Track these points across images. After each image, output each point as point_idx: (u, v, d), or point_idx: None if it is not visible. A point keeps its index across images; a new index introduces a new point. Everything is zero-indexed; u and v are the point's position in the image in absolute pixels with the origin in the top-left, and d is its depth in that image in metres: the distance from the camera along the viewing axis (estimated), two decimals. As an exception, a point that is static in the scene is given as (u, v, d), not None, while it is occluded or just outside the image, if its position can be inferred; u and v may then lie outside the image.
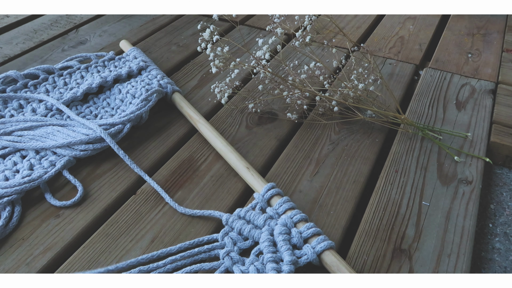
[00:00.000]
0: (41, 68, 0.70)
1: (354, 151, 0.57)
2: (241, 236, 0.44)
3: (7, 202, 0.47)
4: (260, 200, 0.47)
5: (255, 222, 0.45)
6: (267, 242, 0.42)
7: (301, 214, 0.44)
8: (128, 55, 0.74)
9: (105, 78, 0.67)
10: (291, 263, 0.40)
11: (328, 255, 0.41)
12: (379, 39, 0.85)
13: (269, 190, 0.47)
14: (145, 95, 0.60)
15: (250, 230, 0.44)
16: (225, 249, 0.42)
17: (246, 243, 0.44)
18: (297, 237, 0.42)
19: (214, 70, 0.60)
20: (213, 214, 0.47)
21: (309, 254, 0.41)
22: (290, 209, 0.45)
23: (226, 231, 0.45)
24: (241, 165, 0.51)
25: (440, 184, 0.52)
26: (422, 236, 0.46)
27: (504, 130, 0.61)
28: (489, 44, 0.83)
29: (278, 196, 0.47)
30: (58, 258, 0.43)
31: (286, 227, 0.43)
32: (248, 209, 0.46)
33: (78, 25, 0.91)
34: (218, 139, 0.55)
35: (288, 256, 0.40)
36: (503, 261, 0.48)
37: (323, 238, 0.42)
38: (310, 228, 0.43)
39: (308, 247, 0.41)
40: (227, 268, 0.41)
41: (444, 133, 0.59)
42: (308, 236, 0.42)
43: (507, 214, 0.53)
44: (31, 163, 0.53)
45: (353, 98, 0.62)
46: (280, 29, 0.58)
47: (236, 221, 0.45)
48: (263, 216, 0.45)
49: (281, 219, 0.44)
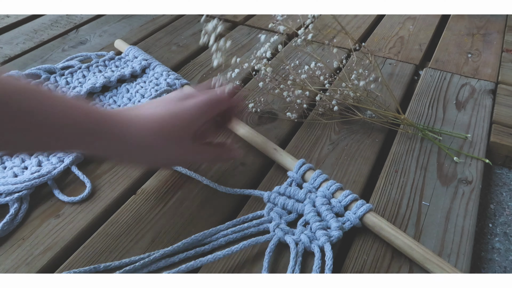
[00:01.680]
0: (42, 68, 0.70)
1: (354, 151, 0.57)
2: (285, 210, 0.47)
3: (16, 199, 0.48)
4: (295, 177, 0.50)
5: (295, 196, 0.48)
6: (312, 212, 0.46)
7: (336, 184, 0.48)
8: (127, 55, 0.75)
9: (109, 78, 0.67)
10: (338, 228, 0.44)
11: (369, 217, 0.45)
12: (379, 39, 0.85)
13: (301, 167, 0.50)
14: (155, 94, 0.62)
15: (293, 204, 0.47)
16: (274, 222, 0.45)
17: (291, 216, 0.47)
18: (337, 206, 0.46)
19: (215, 63, 0.60)
20: (253, 193, 0.49)
21: (352, 219, 0.45)
22: (324, 181, 0.49)
23: (270, 207, 0.47)
24: (269, 147, 0.54)
25: (440, 184, 0.52)
26: (422, 236, 0.46)
27: (504, 130, 0.61)
28: (489, 44, 0.84)
29: (310, 170, 0.50)
30: (58, 258, 0.44)
31: (326, 198, 0.47)
32: (286, 186, 0.49)
33: (78, 25, 0.91)
34: (240, 125, 0.57)
35: (335, 223, 0.44)
36: (503, 261, 0.48)
37: (362, 202, 0.45)
38: (347, 196, 0.46)
39: (349, 213, 0.45)
40: (279, 239, 0.44)
41: (444, 134, 0.59)
42: (347, 204, 0.46)
43: (507, 214, 0.53)
44: (39, 159, 0.53)
45: (353, 98, 0.62)
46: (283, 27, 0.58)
47: (278, 197, 0.48)
48: (303, 190, 0.48)
49: (320, 191, 0.48)
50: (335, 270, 0.43)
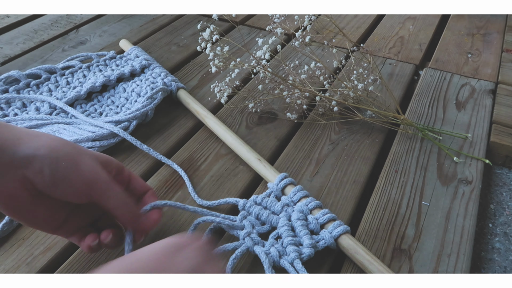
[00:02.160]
0: (42, 68, 0.70)
1: (354, 151, 0.57)
2: (259, 221, 0.46)
3: None
4: (274, 189, 0.49)
5: (271, 208, 0.47)
6: (286, 226, 0.44)
7: (315, 201, 0.46)
8: (129, 54, 0.75)
9: (108, 77, 0.67)
10: (311, 246, 0.42)
11: (344, 239, 0.43)
12: (379, 39, 0.85)
13: (282, 180, 0.49)
14: (151, 93, 0.61)
15: (268, 215, 0.46)
16: (246, 230, 0.44)
17: (264, 227, 0.45)
18: (314, 223, 0.44)
19: (213, 69, 0.60)
20: (229, 201, 0.48)
21: (327, 239, 0.43)
22: (304, 197, 0.47)
23: (244, 215, 0.46)
24: (252, 157, 0.53)
25: (440, 184, 0.52)
26: (422, 236, 0.46)
27: (504, 130, 0.61)
28: (489, 44, 0.83)
29: (291, 185, 0.49)
30: (58, 258, 0.44)
31: (302, 214, 0.45)
32: (263, 196, 0.48)
33: (78, 25, 0.91)
34: (228, 132, 0.56)
35: (308, 240, 0.42)
36: (503, 261, 0.48)
37: (339, 223, 0.44)
38: (325, 214, 0.45)
39: (325, 232, 0.43)
40: (248, 248, 0.42)
41: (444, 134, 0.59)
42: (324, 222, 0.44)
43: (507, 214, 0.53)
44: None
45: (353, 98, 0.62)
46: (280, 29, 0.58)
47: (254, 206, 0.47)
48: (280, 203, 0.47)
49: (298, 206, 0.46)
50: (335, 270, 0.43)
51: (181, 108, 0.65)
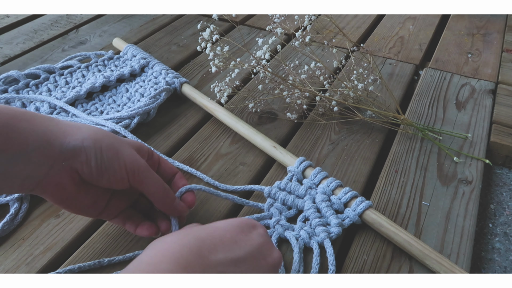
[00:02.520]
0: (41, 67, 0.70)
1: (354, 151, 0.57)
2: (285, 206, 0.48)
3: (16, 198, 0.48)
4: (295, 172, 0.50)
5: (296, 192, 0.48)
6: (312, 209, 0.46)
7: (336, 181, 0.48)
8: (126, 54, 0.75)
9: (108, 78, 0.67)
10: (338, 225, 0.44)
11: (368, 214, 0.45)
12: (379, 39, 0.85)
13: (302, 163, 0.50)
14: (154, 93, 0.62)
15: (294, 200, 0.47)
16: (274, 218, 0.46)
17: (291, 212, 0.47)
18: (337, 203, 0.46)
19: (213, 69, 0.60)
20: (254, 188, 0.50)
21: (351, 216, 0.45)
22: (324, 179, 0.49)
23: (270, 202, 0.48)
24: (268, 145, 0.54)
25: (440, 184, 0.52)
26: (422, 236, 0.46)
27: (504, 130, 0.61)
28: (489, 44, 0.83)
29: (310, 167, 0.50)
30: (58, 258, 0.44)
31: (326, 195, 0.47)
32: (286, 181, 0.49)
33: (78, 25, 0.91)
34: (239, 123, 0.57)
35: (335, 219, 0.45)
36: (503, 261, 0.48)
37: (361, 199, 0.46)
38: (347, 193, 0.47)
39: (349, 210, 0.46)
40: (279, 235, 0.44)
41: (444, 134, 0.59)
42: (347, 200, 0.46)
43: (507, 214, 0.53)
44: None
45: (353, 98, 0.62)
46: (280, 29, 0.58)
47: (279, 192, 0.48)
48: (303, 187, 0.48)
49: (320, 188, 0.48)
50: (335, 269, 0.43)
51: (182, 106, 0.65)
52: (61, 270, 0.41)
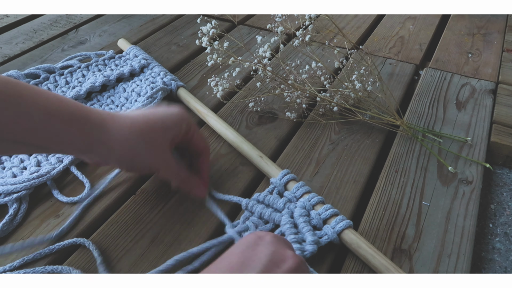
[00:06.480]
0: (41, 67, 0.70)
1: (354, 151, 0.57)
2: (262, 220, 0.46)
3: (15, 199, 0.48)
4: (277, 185, 0.49)
5: (274, 205, 0.47)
6: (288, 224, 0.44)
7: (318, 197, 0.46)
8: (128, 54, 0.74)
9: (108, 77, 0.67)
10: (313, 242, 0.42)
11: (347, 233, 0.43)
12: (379, 39, 0.85)
13: (285, 176, 0.49)
14: (151, 92, 0.62)
15: (271, 213, 0.46)
16: (248, 232, 0.44)
17: (267, 226, 0.46)
18: (316, 219, 0.44)
19: (210, 63, 0.60)
20: (233, 199, 0.48)
21: (330, 234, 0.43)
22: (306, 193, 0.47)
23: (246, 216, 0.46)
24: (254, 154, 0.53)
25: (440, 184, 0.52)
26: (422, 236, 0.46)
27: (504, 130, 0.61)
28: (489, 44, 0.83)
29: (293, 181, 0.49)
30: (58, 258, 0.43)
31: (305, 210, 0.45)
32: (266, 193, 0.48)
33: (78, 25, 0.91)
34: (229, 130, 0.57)
35: (311, 236, 0.42)
36: (503, 261, 0.48)
37: (341, 218, 0.44)
38: (328, 210, 0.45)
39: (328, 227, 0.43)
40: None
41: (444, 136, 0.59)
42: (327, 217, 0.44)
43: (507, 214, 0.53)
44: (38, 159, 0.53)
45: (354, 99, 0.62)
46: (281, 27, 0.58)
47: (256, 205, 0.47)
48: (283, 200, 0.47)
49: (300, 202, 0.46)
50: (335, 269, 0.43)
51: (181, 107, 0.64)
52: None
